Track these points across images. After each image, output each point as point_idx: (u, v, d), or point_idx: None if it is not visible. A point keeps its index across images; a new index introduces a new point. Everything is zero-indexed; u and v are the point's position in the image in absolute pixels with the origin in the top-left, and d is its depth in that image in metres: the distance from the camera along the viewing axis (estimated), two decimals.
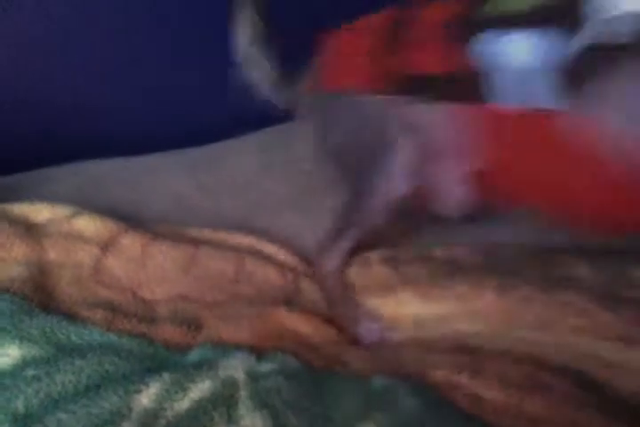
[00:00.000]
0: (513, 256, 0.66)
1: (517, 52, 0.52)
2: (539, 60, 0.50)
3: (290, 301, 0.61)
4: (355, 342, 0.58)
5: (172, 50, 0.91)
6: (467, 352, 0.53)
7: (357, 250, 0.65)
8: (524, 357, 0.51)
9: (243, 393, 0.46)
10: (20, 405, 0.44)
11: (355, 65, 0.64)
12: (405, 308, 0.59)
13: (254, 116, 0.88)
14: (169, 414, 0.44)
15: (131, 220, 0.69)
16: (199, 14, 0.89)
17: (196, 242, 0.66)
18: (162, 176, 0.85)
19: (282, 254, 0.68)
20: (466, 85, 0.54)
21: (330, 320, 0.59)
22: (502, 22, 0.53)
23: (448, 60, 0.55)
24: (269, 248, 0.69)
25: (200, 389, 0.46)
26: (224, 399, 0.45)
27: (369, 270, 0.64)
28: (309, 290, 0.63)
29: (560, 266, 0.62)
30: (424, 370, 0.49)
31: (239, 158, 0.89)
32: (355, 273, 0.64)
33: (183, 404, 0.45)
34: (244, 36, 0.76)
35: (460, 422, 0.44)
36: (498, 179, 0.57)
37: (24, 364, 0.48)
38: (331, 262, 0.63)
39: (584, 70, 0.49)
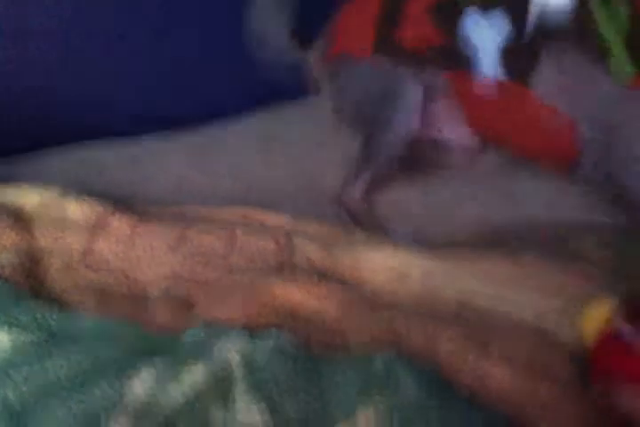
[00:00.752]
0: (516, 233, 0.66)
1: (480, 32, 0.66)
2: (491, 38, 0.65)
3: (283, 264, 0.60)
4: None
5: (173, 41, 0.89)
6: (474, 319, 0.52)
7: (378, 180, 0.75)
8: (533, 333, 0.51)
9: (238, 376, 0.45)
10: (10, 392, 0.44)
11: (359, 33, 0.74)
12: (416, 262, 0.59)
13: (258, 94, 0.88)
14: (161, 400, 0.43)
15: (129, 202, 0.69)
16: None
17: (187, 220, 0.65)
18: (161, 158, 0.84)
19: (273, 218, 0.67)
20: (456, 57, 0.67)
21: (326, 276, 0.58)
22: (475, 6, 0.66)
23: (440, 34, 0.68)
24: (260, 215, 0.68)
25: (194, 373, 0.45)
26: (218, 383, 0.45)
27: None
28: (304, 247, 0.62)
29: (568, 240, 0.64)
30: (428, 344, 0.49)
31: (239, 140, 0.88)
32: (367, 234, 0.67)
33: (176, 390, 0.44)
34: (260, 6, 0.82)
35: (463, 408, 0.43)
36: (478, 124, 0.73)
37: (14, 350, 0.47)
38: (355, 191, 0.74)
39: (524, 51, 0.64)
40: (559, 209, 0.71)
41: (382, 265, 0.59)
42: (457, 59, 0.68)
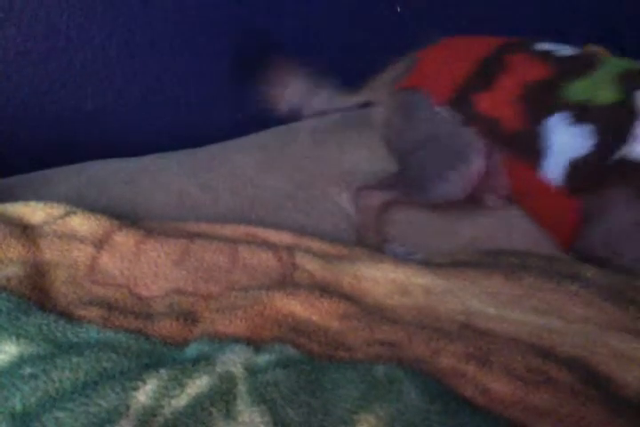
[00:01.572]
0: (514, 254, 0.67)
1: (563, 137, 0.66)
2: (570, 148, 0.66)
3: (285, 279, 0.60)
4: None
5: (173, 51, 0.92)
6: (475, 336, 0.53)
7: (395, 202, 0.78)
8: (530, 346, 0.51)
9: (241, 388, 0.46)
10: (17, 403, 0.44)
11: (445, 77, 0.74)
12: (417, 278, 0.60)
13: (255, 118, 0.89)
14: (167, 411, 0.44)
15: (131, 218, 0.69)
16: (201, 15, 0.90)
17: (190, 235, 0.65)
18: (162, 175, 0.86)
19: (275, 235, 0.68)
20: (527, 147, 0.69)
21: (327, 291, 0.59)
22: (571, 110, 0.66)
23: (521, 118, 0.69)
24: (262, 232, 0.68)
25: (198, 385, 0.46)
26: (222, 395, 0.45)
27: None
28: (305, 262, 0.63)
29: (567, 264, 0.65)
30: (431, 356, 0.49)
31: (239, 157, 0.89)
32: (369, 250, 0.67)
33: (181, 400, 0.45)
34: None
35: (464, 416, 0.44)
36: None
37: (21, 361, 0.48)
38: (374, 199, 0.77)
39: (595, 172, 0.65)
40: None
41: (383, 278, 0.60)
42: (525, 149, 0.69)
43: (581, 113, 0.66)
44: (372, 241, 0.75)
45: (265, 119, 0.91)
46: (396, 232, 0.78)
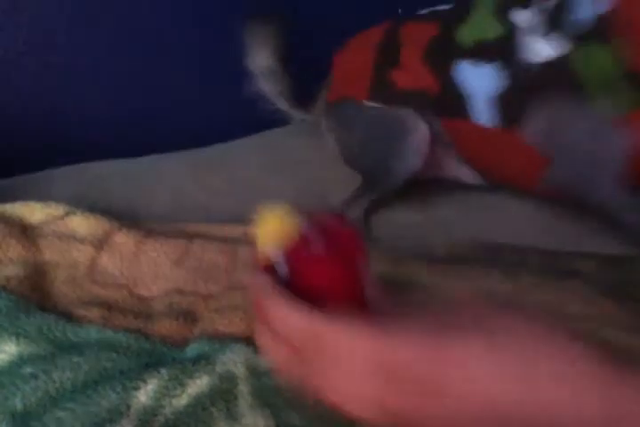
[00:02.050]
0: (515, 251, 0.67)
1: (475, 81, 0.70)
2: (484, 88, 0.69)
3: None
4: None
5: (174, 52, 0.92)
6: None
7: (377, 204, 0.79)
8: None
9: (243, 389, 0.46)
10: (17, 403, 0.44)
11: (357, 77, 0.78)
12: (415, 278, 0.60)
13: (256, 119, 0.89)
14: (167, 411, 0.44)
15: (131, 218, 0.70)
16: (202, 16, 0.90)
17: (190, 235, 0.65)
18: (163, 176, 0.86)
19: None
20: (453, 104, 0.71)
21: None
22: (468, 52, 0.70)
23: (434, 80, 0.72)
24: None
25: (198, 384, 0.46)
26: (222, 395, 0.45)
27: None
28: None
29: (567, 260, 0.64)
30: None
31: (240, 158, 0.89)
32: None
33: (181, 400, 0.45)
34: (261, 53, 0.87)
35: None
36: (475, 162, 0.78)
37: (21, 361, 0.48)
38: (355, 212, 0.78)
39: (511, 102, 0.68)
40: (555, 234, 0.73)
41: (382, 279, 0.60)
42: (451, 106, 0.72)
43: (479, 53, 0.69)
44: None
45: (266, 120, 0.92)
46: (392, 232, 0.78)
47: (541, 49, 0.66)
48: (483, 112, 0.70)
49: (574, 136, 0.67)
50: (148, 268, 0.61)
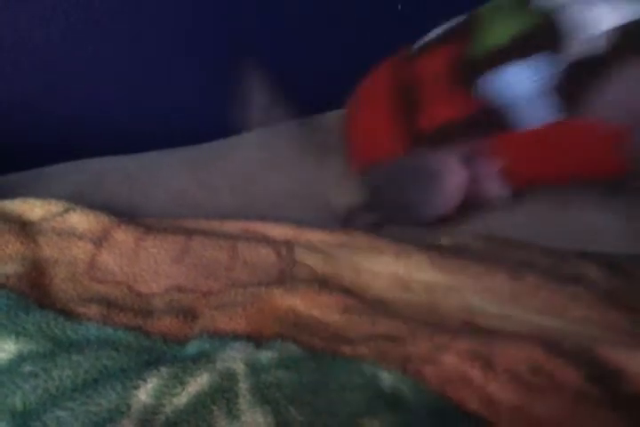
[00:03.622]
0: (518, 246, 0.67)
1: (517, 83, 0.63)
2: (534, 84, 0.63)
3: (285, 275, 0.60)
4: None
5: (172, 48, 0.91)
6: (477, 333, 0.52)
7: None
8: (534, 342, 0.50)
9: (243, 386, 0.46)
10: (17, 401, 0.44)
11: (378, 137, 0.73)
12: (418, 273, 0.60)
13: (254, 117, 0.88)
14: (168, 409, 0.44)
15: (130, 216, 0.69)
16: (203, 16, 0.89)
17: (189, 232, 0.65)
18: (162, 173, 0.85)
19: (274, 229, 0.68)
20: (489, 122, 0.66)
21: (327, 285, 0.58)
22: (494, 60, 0.64)
23: (463, 105, 0.66)
24: (260, 227, 0.68)
25: (198, 382, 0.46)
26: (223, 393, 0.45)
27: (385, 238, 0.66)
28: (305, 257, 0.62)
29: (571, 264, 0.64)
30: (434, 352, 0.49)
31: (239, 155, 0.89)
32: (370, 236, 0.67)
33: (182, 398, 0.45)
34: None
35: None
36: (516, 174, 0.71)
37: (21, 359, 0.47)
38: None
39: (574, 84, 0.62)
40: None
41: (384, 272, 0.60)
42: (490, 122, 0.66)
43: (502, 56, 0.64)
44: None
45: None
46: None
47: (602, 17, 0.60)
48: (534, 111, 0.64)
49: None
50: (147, 264, 0.60)
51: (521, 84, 0.63)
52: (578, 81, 0.62)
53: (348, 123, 0.78)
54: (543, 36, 0.62)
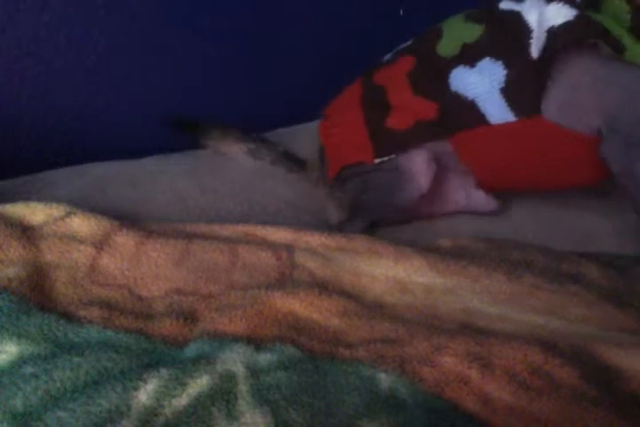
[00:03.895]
0: (517, 247, 0.67)
1: (476, 82, 0.68)
2: (487, 85, 0.67)
3: (285, 278, 0.61)
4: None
5: (174, 54, 0.92)
6: (475, 335, 0.52)
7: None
8: (532, 342, 0.50)
9: (242, 388, 0.46)
10: (18, 403, 0.44)
11: (354, 143, 0.75)
12: (417, 276, 0.60)
13: (256, 121, 0.89)
14: (168, 411, 0.44)
15: (132, 220, 0.69)
16: (200, 16, 0.90)
17: (190, 236, 0.66)
18: (163, 177, 0.86)
19: (274, 233, 0.68)
20: (461, 115, 0.69)
21: (327, 288, 0.59)
22: (449, 66, 0.69)
23: (431, 104, 0.70)
24: (261, 231, 0.69)
25: (198, 384, 0.46)
26: (223, 394, 0.45)
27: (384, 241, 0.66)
28: (305, 260, 0.63)
29: (570, 263, 0.64)
30: (432, 353, 0.49)
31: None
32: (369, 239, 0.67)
33: (182, 400, 0.45)
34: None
35: None
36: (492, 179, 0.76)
37: (22, 361, 0.48)
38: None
39: (517, 87, 0.66)
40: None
41: (383, 275, 0.60)
42: (454, 120, 0.70)
43: (467, 57, 0.68)
44: None
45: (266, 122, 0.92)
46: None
47: (555, 13, 0.63)
48: (495, 110, 0.68)
49: (617, 92, 0.64)
50: (148, 268, 0.61)
51: (474, 87, 0.68)
52: (521, 84, 0.66)
53: (323, 131, 0.81)
54: (490, 42, 0.67)
